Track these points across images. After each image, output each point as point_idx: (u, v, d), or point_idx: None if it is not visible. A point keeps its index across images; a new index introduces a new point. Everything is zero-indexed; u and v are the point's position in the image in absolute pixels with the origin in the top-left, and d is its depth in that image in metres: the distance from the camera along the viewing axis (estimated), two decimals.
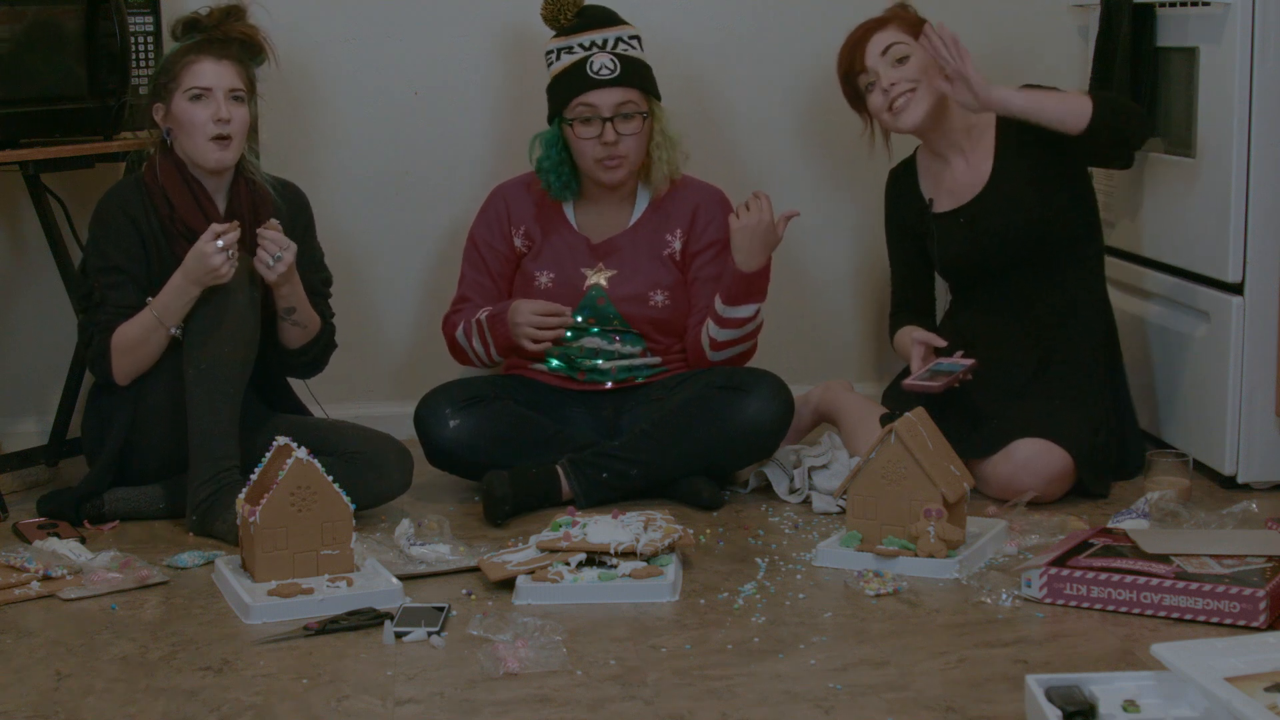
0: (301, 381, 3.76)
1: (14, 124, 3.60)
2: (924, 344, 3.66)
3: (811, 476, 3.60)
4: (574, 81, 3.69)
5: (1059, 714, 2.29)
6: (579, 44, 3.71)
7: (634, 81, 3.70)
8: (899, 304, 3.91)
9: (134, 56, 3.71)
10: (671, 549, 3.13)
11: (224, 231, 3.34)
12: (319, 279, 3.67)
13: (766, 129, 4.31)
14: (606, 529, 3.13)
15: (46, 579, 3.07)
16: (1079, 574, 2.90)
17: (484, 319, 3.69)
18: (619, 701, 2.54)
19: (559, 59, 3.73)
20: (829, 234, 4.36)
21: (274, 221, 3.44)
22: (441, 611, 2.88)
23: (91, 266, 3.51)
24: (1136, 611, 2.86)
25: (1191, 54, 3.67)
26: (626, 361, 3.78)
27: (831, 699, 2.54)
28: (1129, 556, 2.96)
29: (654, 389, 3.76)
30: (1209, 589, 2.80)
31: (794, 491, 3.61)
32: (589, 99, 3.67)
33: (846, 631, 2.83)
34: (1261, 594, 2.77)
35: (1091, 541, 3.06)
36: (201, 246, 3.34)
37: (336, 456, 3.43)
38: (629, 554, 3.07)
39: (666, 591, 2.99)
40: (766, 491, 3.67)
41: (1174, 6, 3.73)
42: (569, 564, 3.06)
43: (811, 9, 4.26)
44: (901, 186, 3.85)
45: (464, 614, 2.90)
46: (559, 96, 3.72)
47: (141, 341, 3.43)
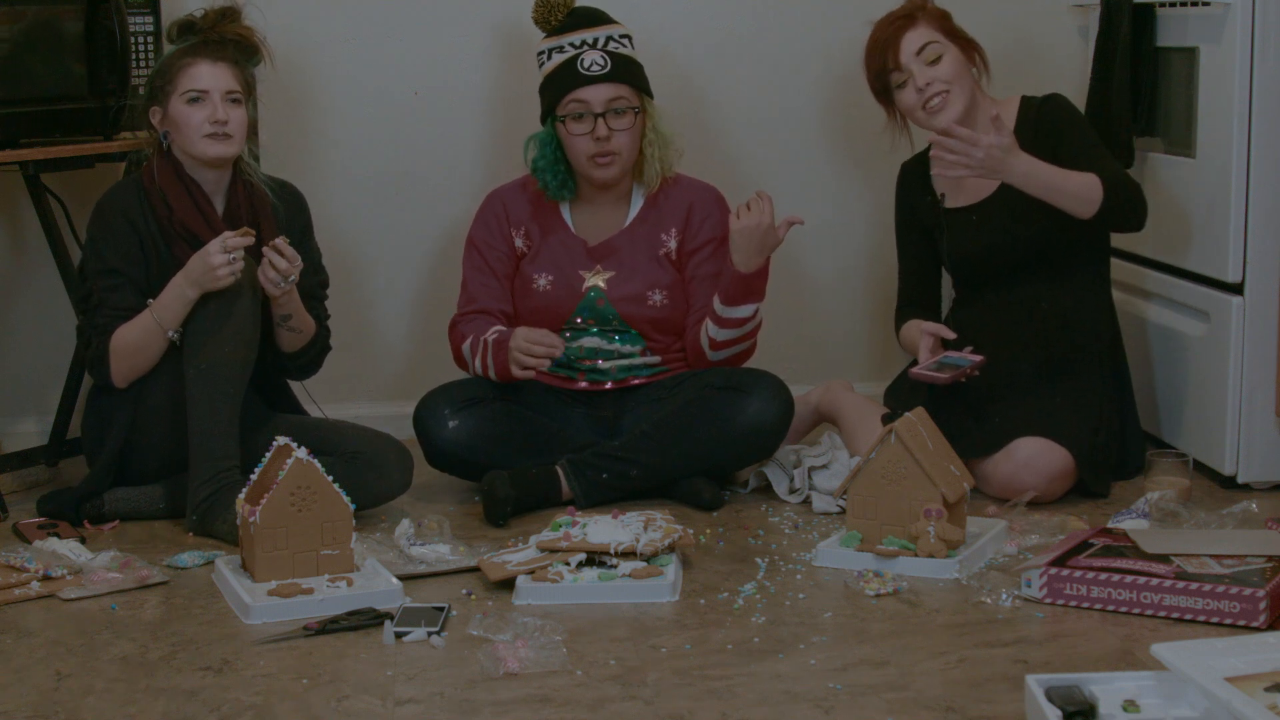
0: (298, 382, 3.76)
1: (14, 124, 3.60)
2: (933, 335, 3.66)
3: (811, 476, 3.60)
4: (565, 79, 3.69)
5: (1059, 714, 2.29)
6: (569, 43, 3.71)
7: (625, 77, 3.70)
8: (905, 298, 3.90)
9: (134, 56, 3.71)
10: (671, 549, 3.13)
11: (235, 237, 3.34)
12: (316, 281, 3.66)
13: (766, 130, 4.31)
14: (606, 529, 3.13)
15: (46, 579, 3.07)
16: (1079, 574, 2.90)
17: (491, 341, 3.65)
18: (619, 701, 2.54)
19: (550, 59, 3.73)
20: (829, 234, 4.36)
21: (284, 238, 3.42)
22: (441, 611, 2.88)
23: (90, 269, 3.51)
24: (1136, 611, 2.86)
25: (1191, 54, 3.67)
26: (626, 361, 3.77)
27: (831, 699, 2.54)
28: (1129, 556, 2.96)
29: (654, 389, 3.76)
30: (1209, 589, 2.80)
31: (794, 491, 3.61)
32: (580, 95, 3.67)
33: (846, 631, 2.83)
34: (1261, 594, 2.77)
35: (1091, 541, 3.06)
36: (208, 248, 3.34)
37: (336, 456, 3.43)
38: (629, 554, 3.07)
39: (666, 591, 2.99)
40: (766, 491, 3.67)
41: (1174, 6, 3.73)
42: (569, 564, 3.06)
43: (811, 9, 4.26)
44: (913, 180, 3.84)
45: (464, 614, 2.90)
46: (551, 95, 3.72)
47: (140, 344, 3.43)
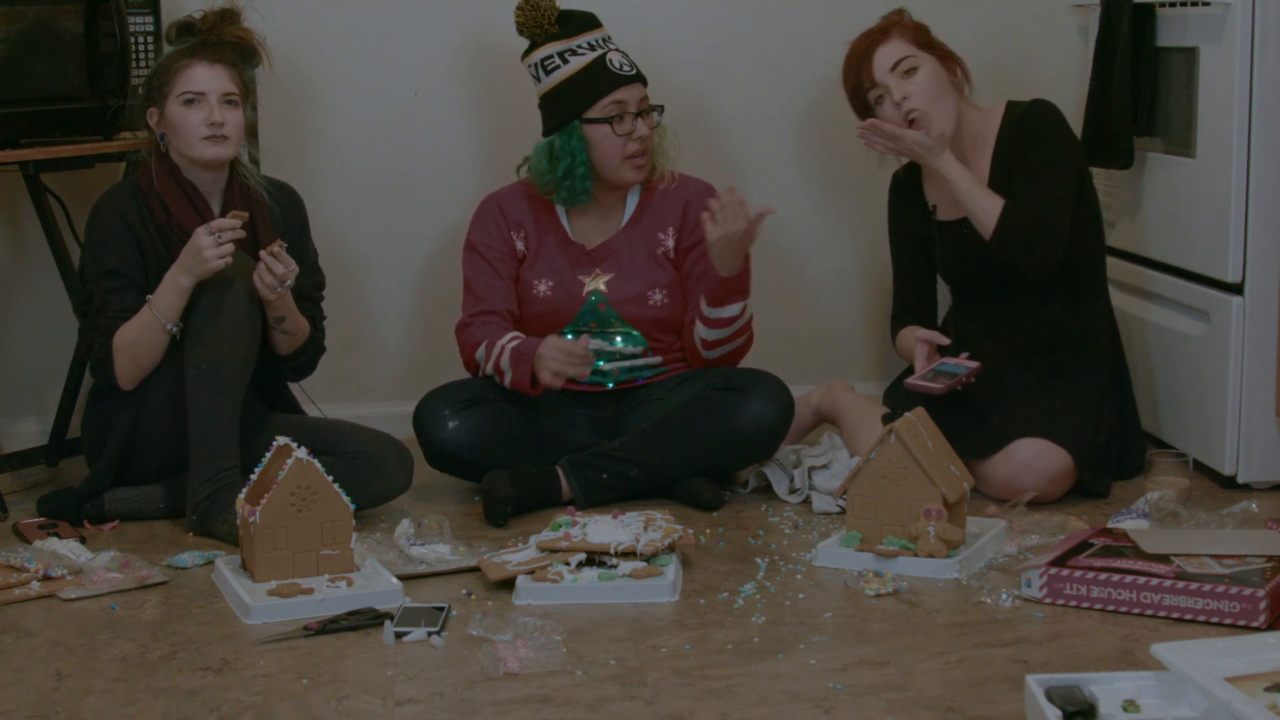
0: (296, 383, 3.76)
1: (14, 124, 3.60)
2: (928, 342, 3.66)
3: (811, 476, 3.60)
4: (599, 80, 3.65)
5: (1059, 714, 2.29)
6: (581, 45, 3.68)
7: (643, 77, 3.71)
8: (901, 307, 3.90)
9: (134, 57, 3.71)
10: (671, 549, 3.12)
11: (225, 220, 3.36)
12: (312, 282, 3.66)
13: (767, 130, 4.31)
14: (606, 529, 3.13)
15: (46, 579, 3.07)
16: (1079, 574, 2.90)
17: (510, 348, 3.60)
18: (619, 701, 2.54)
19: (565, 62, 3.67)
20: (829, 234, 4.36)
21: (281, 243, 3.42)
22: (441, 611, 2.88)
23: (90, 272, 3.50)
24: (1136, 611, 2.86)
25: (1191, 54, 3.67)
26: (628, 363, 3.77)
27: (831, 699, 2.54)
28: (1129, 556, 2.96)
29: (655, 389, 3.75)
30: (1209, 589, 2.80)
31: (794, 491, 3.61)
32: (620, 95, 3.64)
33: (846, 631, 2.83)
34: (1261, 594, 2.77)
35: (1091, 541, 3.06)
36: (196, 232, 3.35)
37: (337, 456, 3.43)
38: (629, 554, 3.07)
39: (666, 591, 2.99)
40: (766, 491, 3.67)
41: (1174, 6, 3.73)
42: (569, 564, 3.06)
43: (811, 10, 4.26)
44: (904, 191, 3.84)
45: (464, 614, 2.90)
46: (579, 98, 3.66)
47: (140, 340, 3.43)
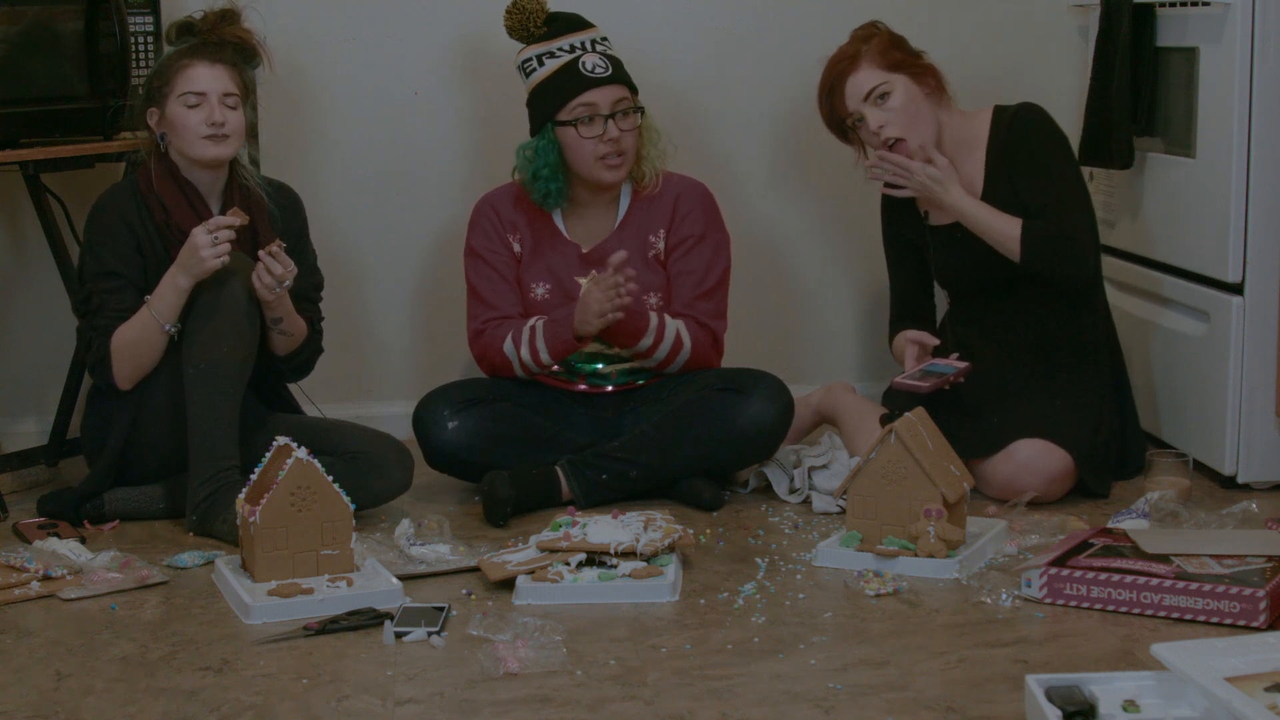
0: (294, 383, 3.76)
1: (14, 124, 3.60)
2: (918, 343, 3.66)
3: (811, 476, 3.60)
4: (569, 82, 3.67)
5: (1059, 714, 2.29)
6: (560, 48, 3.68)
7: (624, 79, 3.70)
8: (898, 313, 3.89)
9: (134, 57, 3.71)
10: (671, 549, 3.12)
11: (224, 219, 3.36)
12: (310, 283, 3.66)
13: (764, 131, 4.31)
14: (606, 529, 3.13)
15: (46, 579, 3.07)
16: (1079, 574, 2.90)
17: (539, 325, 3.63)
18: (619, 701, 2.54)
19: (541, 65, 3.69)
20: (829, 234, 4.36)
21: (280, 243, 3.42)
22: (441, 611, 2.88)
23: (88, 272, 3.50)
24: (1136, 611, 2.86)
25: (1191, 54, 3.67)
26: (626, 365, 3.77)
27: (831, 699, 2.54)
28: (1129, 556, 2.96)
29: (654, 390, 3.75)
30: (1209, 589, 2.80)
31: (794, 491, 3.61)
32: (589, 98, 3.65)
33: (846, 631, 2.83)
34: (1261, 594, 2.77)
35: (1091, 541, 3.06)
36: (193, 231, 3.35)
37: (337, 456, 3.43)
38: (629, 554, 3.07)
39: (666, 591, 2.99)
40: (766, 491, 3.67)
41: (1174, 6, 3.73)
42: (569, 564, 3.06)
43: (806, 12, 4.25)
44: (895, 200, 3.82)
45: (464, 614, 2.90)
46: (551, 101, 3.68)
47: (138, 340, 3.43)
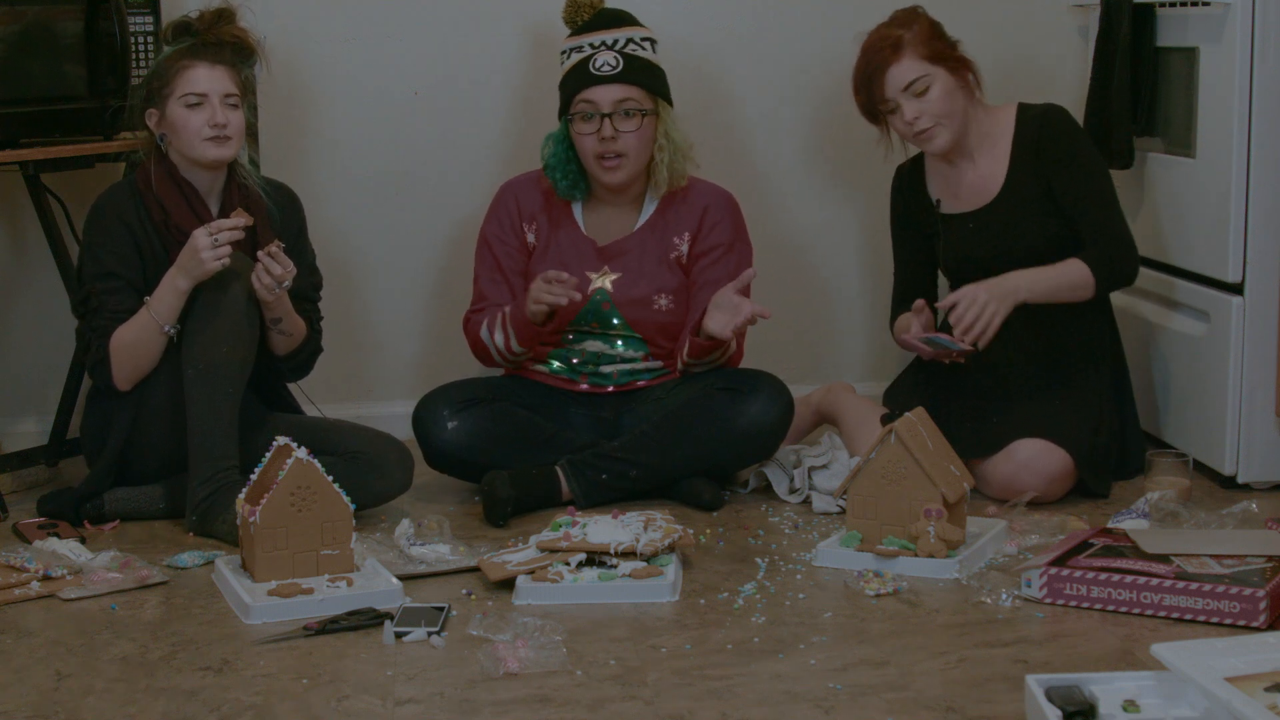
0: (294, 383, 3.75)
1: (14, 124, 3.60)
2: (923, 305, 3.63)
3: (811, 476, 3.60)
4: (577, 78, 3.69)
5: (1059, 714, 2.29)
6: (588, 43, 3.70)
7: (636, 79, 3.68)
8: (900, 297, 3.88)
9: (134, 56, 3.71)
10: (671, 549, 3.12)
11: (226, 221, 3.36)
12: (310, 283, 3.66)
13: (770, 131, 4.31)
14: (606, 529, 3.13)
15: (46, 579, 3.07)
16: (1079, 574, 2.90)
17: (508, 310, 3.67)
18: (619, 701, 2.54)
19: (569, 58, 3.73)
20: (829, 234, 4.36)
21: (279, 243, 3.42)
22: (441, 611, 2.88)
23: (87, 273, 3.50)
24: (1136, 611, 2.86)
25: (1191, 54, 3.67)
26: (628, 366, 3.77)
27: (831, 699, 2.54)
28: (1129, 556, 2.96)
29: (655, 391, 3.75)
30: (1209, 589, 2.80)
31: (794, 491, 3.61)
32: (588, 95, 3.66)
33: (846, 631, 2.83)
34: (1261, 594, 2.77)
35: (1091, 541, 3.06)
36: (194, 233, 3.35)
37: (337, 456, 3.43)
38: (629, 554, 3.07)
39: (666, 591, 2.99)
40: (766, 491, 3.67)
41: (1174, 6, 3.73)
42: (569, 564, 3.06)
43: (814, 8, 4.25)
44: (908, 184, 3.83)
45: (464, 614, 2.90)
46: (563, 94, 3.73)
47: (137, 341, 3.42)
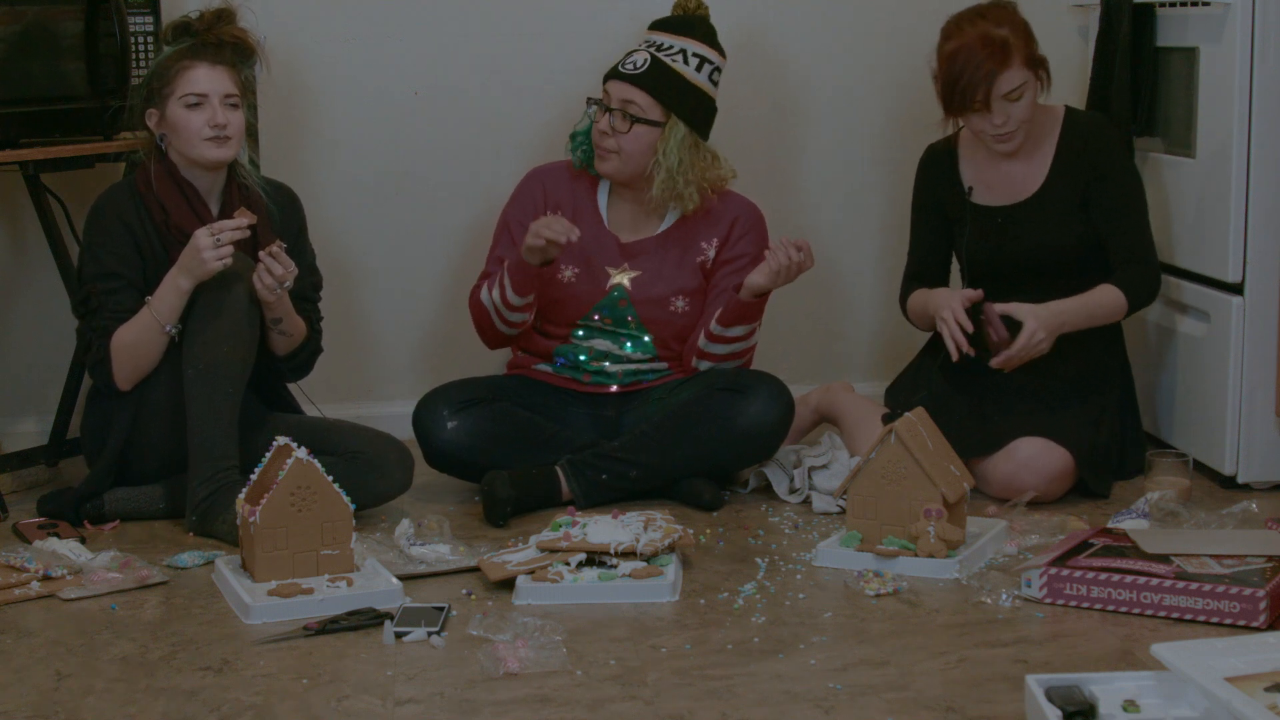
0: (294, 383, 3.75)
1: (14, 124, 3.60)
2: (980, 297, 3.61)
3: (811, 476, 3.60)
4: (613, 66, 3.73)
5: (1059, 714, 2.29)
6: (650, 39, 3.73)
7: (649, 85, 3.65)
8: (912, 273, 3.84)
9: (134, 56, 3.71)
10: (671, 549, 3.13)
11: (228, 222, 3.36)
12: (309, 283, 3.66)
13: (776, 131, 4.30)
14: (606, 529, 3.13)
15: (46, 579, 3.07)
16: (1079, 574, 2.90)
17: (506, 265, 3.65)
18: (619, 701, 2.54)
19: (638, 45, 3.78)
20: (830, 235, 4.36)
21: (280, 243, 3.42)
22: (441, 611, 2.88)
23: (88, 273, 3.49)
24: (1136, 611, 2.86)
25: (1191, 54, 3.67)
26: (634, 367, 3.77)
27: (831, 699, 2.54)
28: (1129, 556, 2.96)
29: (657, 391, 3.75)
30: (1209, 589, 2.80)
31: (794, 491, 3.61)
32: (607, 85, 3.71)
33: (846, 631, 2.83)
34: (1261, 594, 2.77)
35: (1091, 541, 3.06)
36: (196, 233, 3.35)
37: (337, 456, 3.43)
38: (629, 554, 3.07)
39: (666, 591, 2.99)
40: (766, 491, 3.67)
41: (1174, 6, 3.73)
42: (569, 564, 3.06)
43: (831, 6, 4.23)
44: (939, 165, 3.78)
45: (464, 614, 2.90)
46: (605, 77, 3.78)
47: (138, 341, 3.42)
